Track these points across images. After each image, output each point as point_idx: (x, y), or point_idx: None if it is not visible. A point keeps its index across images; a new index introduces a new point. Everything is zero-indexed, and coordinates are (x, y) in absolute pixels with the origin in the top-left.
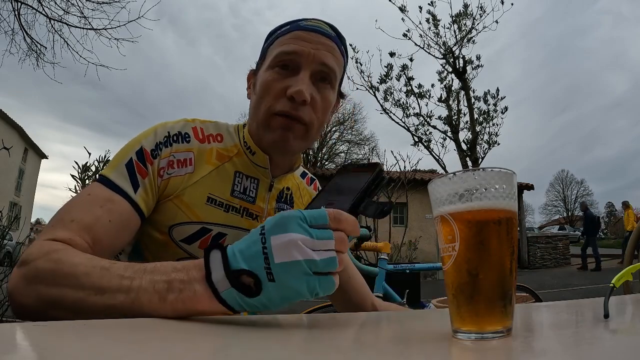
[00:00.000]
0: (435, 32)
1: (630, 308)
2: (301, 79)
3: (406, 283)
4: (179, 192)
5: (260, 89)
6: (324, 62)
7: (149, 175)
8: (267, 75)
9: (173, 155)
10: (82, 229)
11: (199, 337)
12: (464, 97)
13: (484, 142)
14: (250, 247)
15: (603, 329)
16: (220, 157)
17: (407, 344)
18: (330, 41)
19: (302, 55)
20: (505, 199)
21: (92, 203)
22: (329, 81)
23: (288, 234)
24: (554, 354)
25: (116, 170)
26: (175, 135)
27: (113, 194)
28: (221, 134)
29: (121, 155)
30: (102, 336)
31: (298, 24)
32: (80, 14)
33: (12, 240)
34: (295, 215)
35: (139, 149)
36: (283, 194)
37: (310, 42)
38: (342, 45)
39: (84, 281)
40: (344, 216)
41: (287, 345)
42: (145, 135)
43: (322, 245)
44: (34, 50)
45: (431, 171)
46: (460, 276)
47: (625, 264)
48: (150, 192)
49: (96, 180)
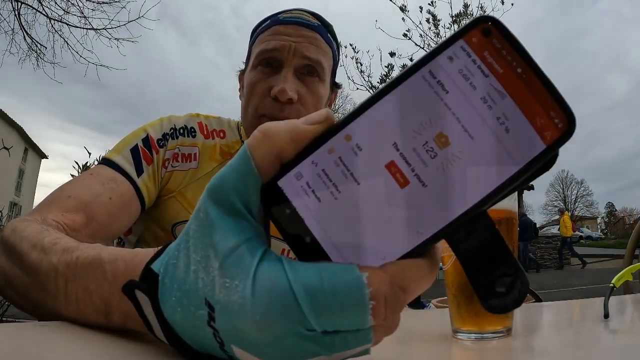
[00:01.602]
0: (436, 32)
1: (630, 308)
2: (283, 77)
3: None
4: (182, 189)
5: (247, 90)
6: (306, 56)
7: (153, 163)
8: (251, 76)
9: (178, 148)
10: (78, 205)
11: None
12: None
13: None
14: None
15: (603, 329)
16: (223, 154)
17: (407, 344)
18: (313, 32)
19: (282, 51)
20: (505, 199)
21: (93, 181)
22: (317, 74)
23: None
24: (554, 354)
25: (121, 154)
26: (181, 129)
27: (116, 174)
28: (224, 129)
29: (126, 141)
30: (102, 336)
31: (277, 18)
32: (80, 14)
33: None
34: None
35: (145, 136)
36: None
37: (290, 36)
38: (329, 33)
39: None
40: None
41: None
42: (151, 125)
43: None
44: (34, 50)
45: None
46: (460, 276)
47: (625, 264)
48: (153, 180)
49: (99, 163)
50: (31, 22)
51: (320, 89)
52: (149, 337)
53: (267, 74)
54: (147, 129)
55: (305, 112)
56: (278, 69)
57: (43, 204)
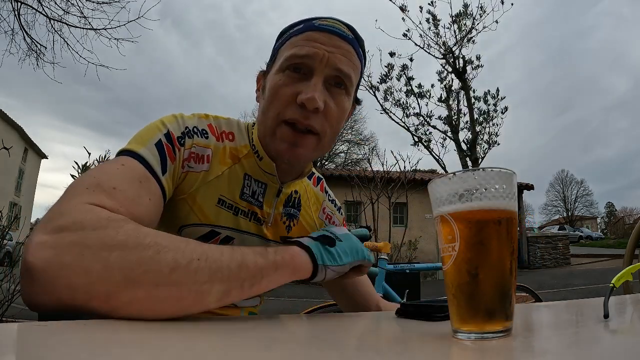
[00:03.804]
0: (435, 32)
1: (630, 308)
2: (313, 84)
3: (406, 283)
4: (193, 191)
5: (269, 93)
6: (338, 67)
7: (175, 161)
8: (276, 79)
9: (194, 147)
10: (126, 201)
11: (199, 337)
12: (464, 97)
13: (484, 142)
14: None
15: (603, 329)
16: (232, 157)
17: (407, 344)
18: (347, 44)
19: (315, 58)
20: (505, 199)
21: (131, 176)
22: (344, 87)
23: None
24: (554, 354)
25: (147, 148)
26: (194, 128)
27: (147, 172)
28: (233, 132)
29: (148, 134)
30: (102, 336)
31: (312, 24)
32: (80, 14)
33: (12, 240)
34: None
35: (166, 131)
36: (291, 198)
37: (324, 44)
38: (360, 47)
39: (182, 245)
40: None
41: (287, 345)
42: (168, 120)
43: None
44: (33, 50)
45: (431, 171)
46: (460, 276)
47: (625, 264)
48: (172, 179)
49: (123, 154)
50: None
51: (345, 102)
52: (149, 337)
53: (295, 79)
54: (166, 125)
55: (327, 123)
56: (307, 75)
57: (84, 190)
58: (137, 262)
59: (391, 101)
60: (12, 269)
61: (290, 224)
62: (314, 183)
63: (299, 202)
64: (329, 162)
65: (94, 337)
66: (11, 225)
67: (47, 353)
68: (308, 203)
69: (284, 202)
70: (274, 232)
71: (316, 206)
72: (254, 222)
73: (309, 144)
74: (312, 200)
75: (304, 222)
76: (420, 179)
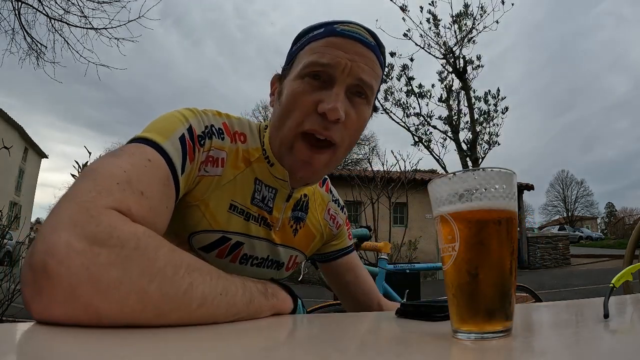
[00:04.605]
0: (436, 32)
1: (630, 308)
2: (335, 94)
3: (406, 283)
4: (206, 197)
5: (288, 100)
6: (360, 77)
7: (194, 162)
8: (295, 85)
9: (212, 151)
10: (151, 212)
11: (199, 337)
12: (464, 97)
13: (484, 142)
14: None
15: (603, 329)
16: (244, 161)
17: (407, 344)
18: (370, 51)
19: (337, 67)
20: (505, 199)
21: (157, 178)
22: (365, 96)
23: None
24: (554, 354)
25: (170, 141)
26: (212, 127)
27: (169, 172)
28: (245, 133)
29: (170, 126)
30: (102, 336)
31: (333, 28)
32: (80, 13)
33: (12, 240)
34: None
35: (189, 127)
36: (300, 202)
37: (346, 52)
38: (382, 54)
39: (207, 279)
40: None
41: (287, 345)
42: (189, 115)
43: None
44: (34, 50)
45: (431, 171)
46: (460, 276)
47: (625, 264)
48: (187, 182)
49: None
50: (31, 22)
51: (366, 112)
52: (149, 337)
53: (315, 87)
54: (187, 118)
55: (347, 133)
56: (327, 84)
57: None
58: (172, 298)
59: (391, 101)
60: (12, 269)
61: (297, 227)
62: (320, 184)
63: (307, 205)
64: None
65: (94, 337)
66: (11, 224)
67: (47, 353)
68: (315, 205)
69: (292, 206)
70: (281, 236)
71: (322, 207)
72: (263, 226)
73: (322, 161)
74: (318, 202)
75: (310, 224)
76: (420, 179)
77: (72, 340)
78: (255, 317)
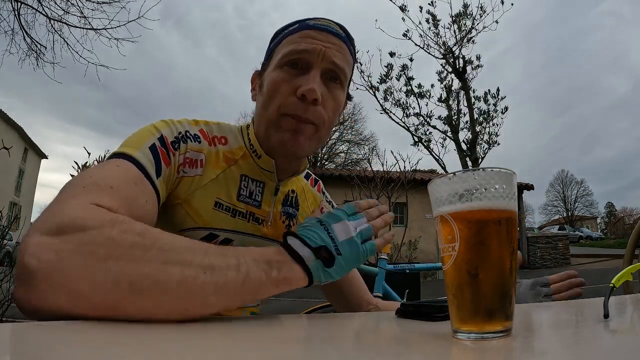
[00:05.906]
0: (435, 32)
1: (630, 308)
2: (312, 77)
3: (406, 283)
4: (188, 196)
5: (269, 88)
6: (334, 61)
7: (171, 165)
8: (275, 75)
9: (189, 152)
10: (125, 201)
11: (198, 337)
12: (464, 97)
13: (484, 142)
14: (318, 233)
15: (603, 329)
16: (227, 160)
17: (407, 344)
18: (340, 41)
19: (312, 53)
20: (505, 199)
21: (126, 177)
22: (339, 81)
23: (342, 222)
24: (554, 354)
25: (141, 151)
26: (187, 133)
27: (142, 175)
28: (225, 136)
29: (141, 138)
30: (102, 336)
31: (307, 23)
32: (80, 13)
33: (12, 240)
34: (340, 210)
35: (160, 136)
36: (289, 197)
37: (320, 41)
38: (351, 45)
39: (189, 258)
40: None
41: (287, 345)
42: (161, 126)
43: (360, 223)
44: (33, 50)
45: (431, 171)
46: (460, 276)
47: (625, 264)
48: (166, 184)
49: (116, 157)
50: (31, 22)
51: (340, 96)
52: (149, 337)
53: (293, 74)
54: (159, 129)
55: (325, 115)
56: (304, 70)
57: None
58: (145, 274)
59: (391, 101)
60: (12, 269)
61: (290, 223)
62: (312, 184)
63: (297, 202)
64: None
65: (94, 337)
66: (11, 225)
67: (47, 353)
68: (306, 203)
69: (282, 201)
70: (274, 231)
71: (314, 205)
72: (252, 222)
73: (308, 132)
74: (310, 200)
75: None
76: (420, 179)
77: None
78: (255, 297)
